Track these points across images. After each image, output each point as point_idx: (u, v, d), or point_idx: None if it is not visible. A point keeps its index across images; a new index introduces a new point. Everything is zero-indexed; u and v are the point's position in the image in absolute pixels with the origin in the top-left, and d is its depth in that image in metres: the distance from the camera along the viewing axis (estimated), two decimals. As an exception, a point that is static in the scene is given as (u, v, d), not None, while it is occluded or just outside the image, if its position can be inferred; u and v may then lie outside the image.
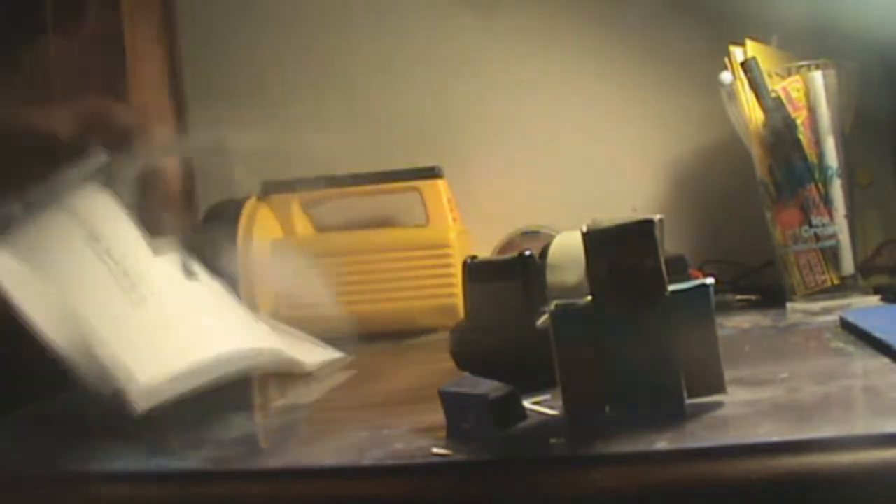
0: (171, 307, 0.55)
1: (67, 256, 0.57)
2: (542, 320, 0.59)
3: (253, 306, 1.02)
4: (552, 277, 0.65)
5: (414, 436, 0.52)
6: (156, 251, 0.62)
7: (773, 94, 0.91)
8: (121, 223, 0.61)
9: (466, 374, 0.64)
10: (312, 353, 0.74)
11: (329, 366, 0.75)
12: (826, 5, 0.98)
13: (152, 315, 0.55)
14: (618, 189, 1.13)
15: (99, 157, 0.63)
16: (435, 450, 0.47)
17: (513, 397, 0.49)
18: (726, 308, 0.91)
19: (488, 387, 0.50)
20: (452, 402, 0.52)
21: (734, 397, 0.49)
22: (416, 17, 1.17)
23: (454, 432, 0.51)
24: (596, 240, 0.49)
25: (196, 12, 1.21)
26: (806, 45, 0.95)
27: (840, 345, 0.65)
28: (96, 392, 0.50)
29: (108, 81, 1.08)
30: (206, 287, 0.67)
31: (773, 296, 0.92)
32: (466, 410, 0.51)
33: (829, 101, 0.90)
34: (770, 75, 0.91)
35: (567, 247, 0.66)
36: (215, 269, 1.01)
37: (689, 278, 0.53)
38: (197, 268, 0.68)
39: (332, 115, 1.18)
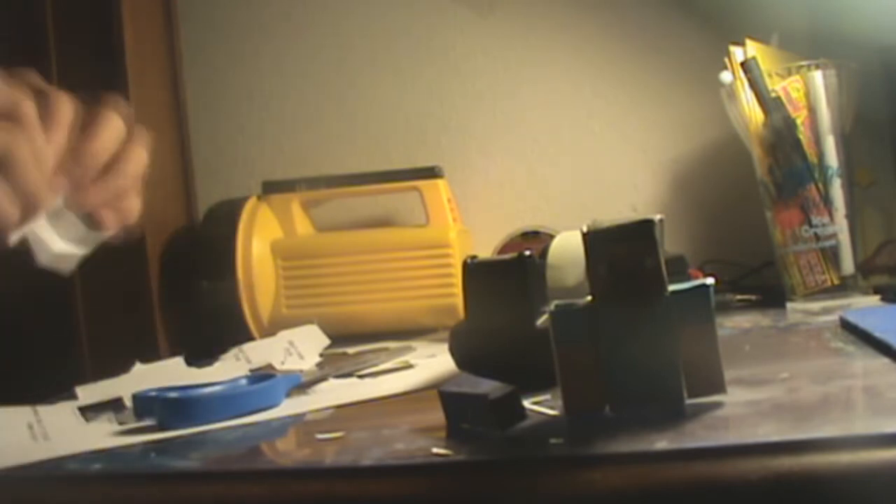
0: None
1: None
2: (542, 320, 0.59)
3: (253, 306, 1.02)
4: (552, 278, 0.65)
5: (414, 436, 0.52)
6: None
7: (773, 94, 0.91)
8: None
9: (466, 373, 0.64)
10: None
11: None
12: (826, 5, 0.98)
13: None
14: (618, 189, 1.13)
15: None
16: (435, 450, 0.47)
17: (513, 397, 0.49)
18: (726, 308, 0.91)
19: (488, 387, 0.50)
20: (452, 402, 0.52)
21: (734, 397, 0.49)
22: (417, 17, 1.17)
23: (454, 432, 0.51)
24: (596, 240, 0.49)
25: (196, 12, 1.21)
26: (806, 45, 0.95)
27: (840, 345, 0.65)
28: None
29: (109, 82, 1.08)
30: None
31: (773, 296, 0.92)
32: (466, 410, 0.51)
33: (829, 101, 0.90)
34: (770, 75, 0.91)
35: (567, 247, 0.66)
36: (213, 270, 1.02)
37: (689, 278, 0.53)
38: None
39: (332, 115, 1.19)
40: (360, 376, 0.75)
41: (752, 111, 0.92)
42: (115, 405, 0.69)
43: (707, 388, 0.48)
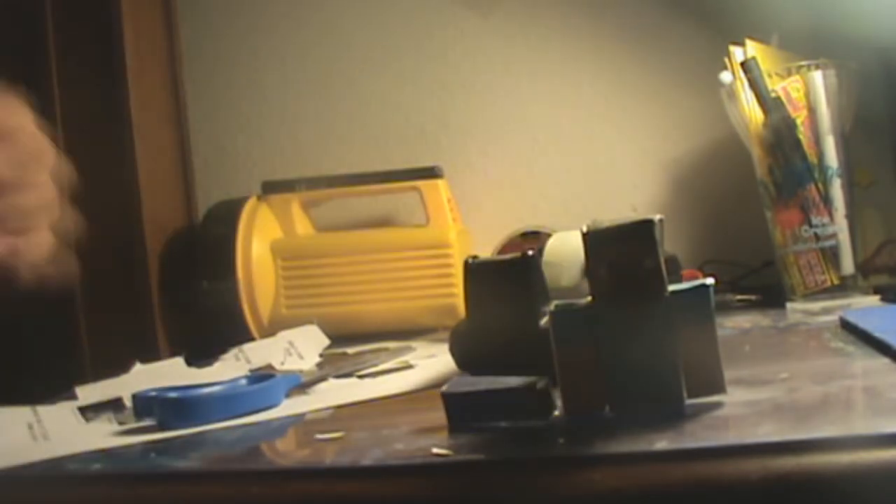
0: None
1: None
2: (544, 321, 0.59)
3: (253, 306, 1.02)
4: (547, 277, 0.65)
5: (414, 436, 0.52)
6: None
7: (773, 94, 0.91)
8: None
9: (461, 374, 0.64)
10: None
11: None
12: (826, 5, 0.98)
13: None
14: (618, 189, 1.13)
15: None
16: (435, 450, 0.47)
17: (550, 387, 0.50)
18: (726, 308, 0.91)
19: (514, 381, 0.50)
20: (463, 402, 0.52)
21: (734, 397, 0.49)
22: (417, 16, 1.17)
23: (459, 432, 0.51)
24: (596, 240, 0.49)
25: (196, 12, 1.21)
26: (806, 45, 0.95)
27: (840, 345, 0.65)
28: None
29: (109, 82, 1.08)
30: None
31: (773, 296, 0.92)
32: (487, 408, 0.51)
33: (829, 101, 0.90)
34: (770, 75, 0.91)
35: (561, 247, 0.66)
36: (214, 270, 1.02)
37: (680, 279, 0.53)
38: None
39: (332, 115, 1.19)
40: (360, 376, 0.75)
41: (752, 111, 0.92)
42: (115, 405, 0.69)
43: (707, 388, 0.48)
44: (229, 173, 1.20)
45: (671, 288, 0.48)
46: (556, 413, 0.51)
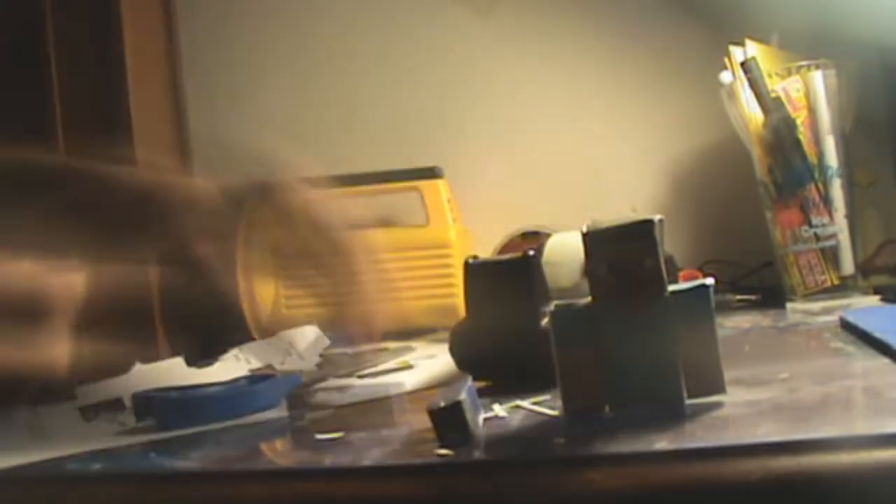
0: None
1: None
2: (543, 320, 0.59)
3: (253, 306, 1.02)
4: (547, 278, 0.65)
5: (414, 436, 0.52)
6: None
7: (773, 94, 0.91)
8: None
9: (460, 379, 0.64)
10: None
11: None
12: (826, 5, 0.98)
13: None
14: (618, 189, 1.13)
15: None
16: (435, 450, 0.47)
17: (457, 409, 0.46)
18: (726, 308, 0.91)
19: (443, 398, 0.47)
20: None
21: (734, 397, 0.49)
22: (416, 16, 1.17)
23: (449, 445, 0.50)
24: (595, 240, 0.49)
25: (196, 13, 1.21)
26: (806, 45, 0.95)
27: (840, 345, 0.65)
28: None
29: (109, 82, 1.08)
30: None
31: (773, 296, 0.92)
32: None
33: (829, 101, 0.90)
34: (770, 75, 0.91)
35: (561, 248, 0.66)
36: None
37: (676, 279, 0.53)
38: None
39: (332, 115, 1.19)
40: (360, 376, 0.75)
41: (752, 111, 0.92)
42: (115, 405, 0.69)
43: (707, 388, 0.48)
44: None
45: (671, 288, 0.48)
46: (557, 413, 0.51)
